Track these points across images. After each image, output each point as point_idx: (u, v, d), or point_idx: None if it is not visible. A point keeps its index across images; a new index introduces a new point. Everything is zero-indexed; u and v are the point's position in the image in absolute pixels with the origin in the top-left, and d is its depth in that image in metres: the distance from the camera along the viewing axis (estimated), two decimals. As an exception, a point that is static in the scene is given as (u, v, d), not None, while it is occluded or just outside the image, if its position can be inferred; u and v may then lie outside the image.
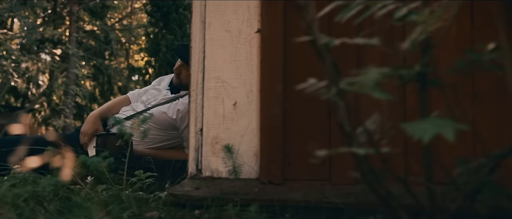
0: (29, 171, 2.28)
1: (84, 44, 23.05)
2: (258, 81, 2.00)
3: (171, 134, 3.89)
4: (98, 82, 28.34)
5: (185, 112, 3.79)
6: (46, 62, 22.25)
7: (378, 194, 1.02)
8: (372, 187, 1.02)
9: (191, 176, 1.98)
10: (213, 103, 2.01)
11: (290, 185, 1.94)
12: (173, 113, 3.83)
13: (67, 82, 17.27)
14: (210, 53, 2.02)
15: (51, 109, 25.15)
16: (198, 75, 2.02)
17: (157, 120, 3.84)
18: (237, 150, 1.97)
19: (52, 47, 21.65)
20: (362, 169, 1.02)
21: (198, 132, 2.00)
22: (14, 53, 14.12)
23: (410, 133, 0.87)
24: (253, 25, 2.02)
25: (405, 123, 0.89)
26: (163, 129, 3.84)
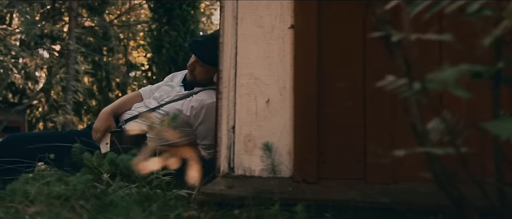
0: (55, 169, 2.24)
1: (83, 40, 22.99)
2: (291, 78, 1.96)
3: (184, 130, 3.84)
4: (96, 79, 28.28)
5: (199, 109, 3.75)
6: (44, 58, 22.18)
7: (450, 195, 0.99)
8: (445, 187, 0.99)
9: (223, 174, 1.94)
10: (246, 100, 1.97)
11: (325, 184, 1.90)
12: (187, 110, 3.78)
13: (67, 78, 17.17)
14: (242, 49, 1.98)
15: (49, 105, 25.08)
16: (230, 72, 1.98)
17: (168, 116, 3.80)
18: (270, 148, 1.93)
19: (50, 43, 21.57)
20: (435, 169, 0.98)
21: (230, 129, 1.96)
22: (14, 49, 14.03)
23: (494, 133, 0.83)
24: (286, 21, 1.99)
25: (486, 122, 0.85)
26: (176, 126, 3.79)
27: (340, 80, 1.96)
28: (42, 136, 3.93)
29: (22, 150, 3.74)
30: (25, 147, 3.78)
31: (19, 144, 3.79)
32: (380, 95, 1.94)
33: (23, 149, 3.75)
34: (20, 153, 3.75)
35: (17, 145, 3.78)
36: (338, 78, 1.97)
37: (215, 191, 1.88)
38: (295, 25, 1.97)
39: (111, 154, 2.03)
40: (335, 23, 1.98)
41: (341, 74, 1.97)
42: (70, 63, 18.16)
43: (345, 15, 1.99)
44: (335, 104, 1.96)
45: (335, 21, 1.99)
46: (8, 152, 3.64)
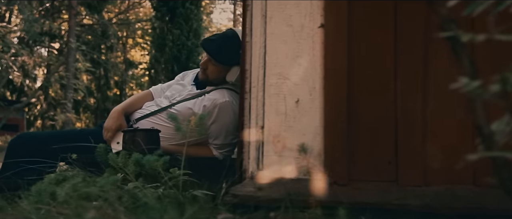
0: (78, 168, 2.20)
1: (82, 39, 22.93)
2: (321, 78, 1.93)
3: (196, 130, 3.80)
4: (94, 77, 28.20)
5: (211, 108, 3.71)
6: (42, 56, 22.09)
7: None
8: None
9: (252, 175, 1.91)
10: (275, 100, 1.93)
11: (356, 186, 1.87)
12: (199, 109, 3.74)
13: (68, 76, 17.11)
14: (271, 48, 1.95)
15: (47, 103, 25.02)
16: (259, 71, 1.94)
17: (182, 115, 3.76)
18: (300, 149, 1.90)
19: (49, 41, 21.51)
20: (502, 175, 0.95)
21: (259, 130, 1.93)
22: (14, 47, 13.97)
23: None
24: (316, 20, 1.95)
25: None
26: (188, 125, 3.75)
27: (370, 81, 1.93)
28: (53, 135, 3.89)
29: (33, 149, 3.70)
30: (36, 146, 3.74)
31: (30, 143, 3.75)
32: (412, 96, 1.91)
33: (35, 148, 3.72)
34: (31, 152, 3.71)
35: (28, 144, 3.75)
36: (368, 78, 1.94)
37: (245, 192, 1.85)
38: (325, 25, 1.94)
39: (136, 154, 1.99)
40: (366, 22, 1.95)
41: (372, 74, 1.94)
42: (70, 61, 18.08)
43: (375, 14, 1.96)
44: (365, 105, 1.93)
45: (365, 20, 1.96)
46: (19, 151, 3.60)
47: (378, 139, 1.92)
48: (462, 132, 1.90)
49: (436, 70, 1.92)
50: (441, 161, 1.88)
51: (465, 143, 1.88)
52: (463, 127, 1.90)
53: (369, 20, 1.95)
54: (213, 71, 3.86)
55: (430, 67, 1.91)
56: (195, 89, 3.93)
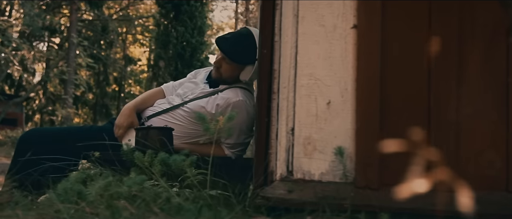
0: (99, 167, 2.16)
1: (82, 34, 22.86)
2: (353, 80, 1.90)
3: (209, 128, 3.77)
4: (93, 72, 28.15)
5: (225, 107, 3.68)
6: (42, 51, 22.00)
7: None
8: None
9: (282, 177, 1.87)
10: (306, 101, 1.90)
11: (388, 190, 1.84)
12: (212, 107, 3.71)
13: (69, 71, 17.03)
14: (303, 48, 1.92)
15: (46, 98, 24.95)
16: (290, 72, 1.91)
17: (195, 114, 3.73)
18: (330, 152, 1.87)
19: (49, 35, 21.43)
20: None
21: (289, 131, 1.89)
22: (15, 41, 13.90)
23: None
24: (349, 20, 1.92)
25: None
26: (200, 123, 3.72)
27: (403, 83, 1.90)
28: (63, 131, 3.86)
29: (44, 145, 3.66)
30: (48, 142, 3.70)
31: (41, 140, 3.71)
32: (445, 98, 1.88)
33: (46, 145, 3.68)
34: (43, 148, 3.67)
35: (39, 140, 3.71)
36: (401, 81, 1.91)
37: (277, 195, 1.81)
38: (358, 25, 1.91)
39: (162, 154, 1.96)
40: (399, 24, 1.92)
41: (405, 77, 1.91)
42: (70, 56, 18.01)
43: (409, 15, 1.93)
44: (398, 108, 1.89)
45: (399, 21, 1.92)
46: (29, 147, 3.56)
47: (411, 143, 1.88)
48: (495, 137, 1.87)
49: (470, 73, 1.89)
50: (474, 166, 1.85)
51: (498, 147, 1.85)
52: (496, 131, 1.87)
53: (402, 21, 1.92)
54: (226, 70, 3.82)
55: (464, 70, 1.88)
56: (208, 88, 3.89)
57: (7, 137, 15.05)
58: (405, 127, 1.89)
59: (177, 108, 3.79)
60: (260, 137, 2.24)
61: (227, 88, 3.81)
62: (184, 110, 3.76)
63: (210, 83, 3.90)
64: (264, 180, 2.06)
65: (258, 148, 2.35)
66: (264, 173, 2.09)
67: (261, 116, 2.27)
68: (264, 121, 2.23)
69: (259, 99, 2.30)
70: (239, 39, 3.79)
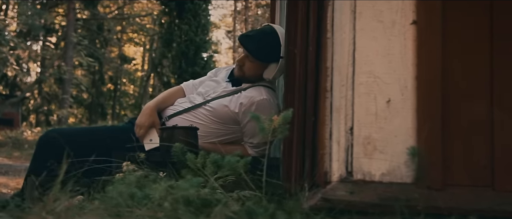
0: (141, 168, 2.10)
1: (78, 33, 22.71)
2: (413, 77, 1.84)
3: (231, 128, 3.72)
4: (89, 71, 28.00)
5: (248, 106, 3.62)
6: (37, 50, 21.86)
7: None
8: None
9: (341, 178, 1.81)
10: (365, 100, 1.84)
11: (451, 191, 1.79)
12: (236, 106, 3.65)
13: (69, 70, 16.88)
14: (361, 45, 1.86)
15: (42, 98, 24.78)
16: (348, 69, 1.85)
17: (217, 113, 3.67)
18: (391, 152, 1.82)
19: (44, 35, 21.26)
20: None
21: (348, 131, 1.83)
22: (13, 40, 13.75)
23: None
24: (408, 16, 1.86)
25: None
26: (223, 122, 3.67)
27: (465, 81, 1.84)
28: (84, 132, 3.78)
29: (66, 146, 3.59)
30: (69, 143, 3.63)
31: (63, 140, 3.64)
32: (508, 97, 1.83)
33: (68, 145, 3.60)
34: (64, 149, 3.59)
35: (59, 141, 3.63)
36: (462, 78, 1.85)
37: (338, 197, 1.76)
38: (417, 21, 1.85)
39: (214, 155, 1.89)
40: (460, 19, 1.87)
41: (466, 74, 1.85)
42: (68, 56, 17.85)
43: (470, 10, 1.88)
44: (460, 106, 1.84)
45: (460, 17, 1.87)
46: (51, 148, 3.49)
47: (473, 142, 1.84)
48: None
49: (532, 71, 1.85)
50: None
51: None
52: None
53: (463, 17, 1.87)
54: (250, 68, 3.76)
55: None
56: (231, 86, 3.83)
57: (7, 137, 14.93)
58: (467, 126, 1.84)
59: (199, 107, 3.73)
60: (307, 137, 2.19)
61: (251, 87, 3.75)
62: (206, 108, 3.70)
63: (233, 81, 3.84)
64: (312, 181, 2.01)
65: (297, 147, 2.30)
66: (312, 173, 2.04)
67: (307, 115, 2.21)
68: (310, 120, 2.17)
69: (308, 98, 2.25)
70: (263, 37, 3.73)
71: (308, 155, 2.20)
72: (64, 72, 17.44)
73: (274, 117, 1.84)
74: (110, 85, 32.53)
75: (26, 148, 13.18)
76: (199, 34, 14.59)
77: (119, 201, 1.53)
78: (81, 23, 21.30)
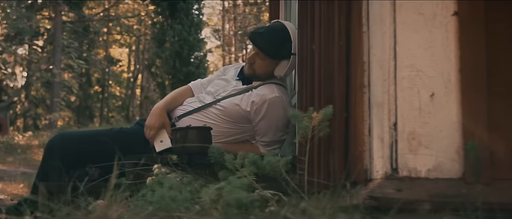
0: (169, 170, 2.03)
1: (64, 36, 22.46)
2: (456, 70, 1.79)
3: (243, 127, 3.66)
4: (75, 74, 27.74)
5: (260, 104, 3.57)
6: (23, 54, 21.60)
7: None
8: None
9: (387, 176, 1.76)
10: (408, 94, 1.79)
11: (499, 186, 1.75)
12: (247, 105, 3.60)
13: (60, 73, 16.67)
14: (402, 38, 1.81)
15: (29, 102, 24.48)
16: (390, 63, 1.80)
17: (228, 112, 3.62)
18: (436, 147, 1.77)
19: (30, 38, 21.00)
20: None
21: (391, 126, 1.78)
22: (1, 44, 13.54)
23: None
24: (449, 7, 1.82)
25: None
26: (234, 121, 3.62)
27: (509, 72, 1.80)
28: (93, 135, 3.71)
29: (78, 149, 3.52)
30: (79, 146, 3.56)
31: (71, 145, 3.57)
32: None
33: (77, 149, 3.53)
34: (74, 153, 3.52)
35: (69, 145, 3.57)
36: (507, 70, 1.81)
37: (386, 195, 1.70)
38: (458, 12, 1.80)
39: (253, 155, 1.83)
40: (503, 9, 1.82)
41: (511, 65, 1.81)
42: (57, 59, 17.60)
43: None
44: (505, 98, 1.80)
45: (503, 7, 1.83)
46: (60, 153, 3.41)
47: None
48: None
49: None
50: None
51: None
52: None
53: (507, 6, 1.82)
54: (261, 66, 3.71)
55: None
56: (241, 85, 3.77)
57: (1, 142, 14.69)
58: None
59: (209, 107, 3.67)
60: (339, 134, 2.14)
61: (262, 85, 3.69)
62: (217, 108, 3.64)
63: (243, 80, 3.78)
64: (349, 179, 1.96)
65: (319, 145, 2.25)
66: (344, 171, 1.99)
67: (339, 111, 2.16)
68: (343, 117, 2.12)
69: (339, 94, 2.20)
70: (274, 33, 3.68)
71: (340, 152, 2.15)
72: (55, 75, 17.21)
73: (314, 114, 1.77)
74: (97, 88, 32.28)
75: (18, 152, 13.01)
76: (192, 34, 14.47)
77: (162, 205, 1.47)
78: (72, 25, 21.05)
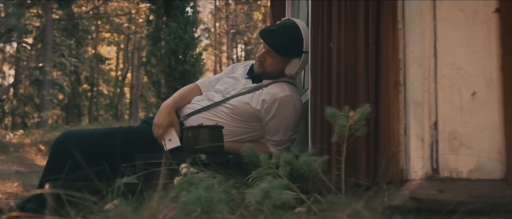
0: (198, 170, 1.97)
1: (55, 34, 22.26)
2: (498, 68, 1.75)
3: (253, 125, 3.61)
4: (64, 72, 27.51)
5: (271, 102, 3.52)
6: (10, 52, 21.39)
7: None
8: None
9: (427, 176, 1.72)
10: (449, 93, 1.75)
11: (544, 187, 1.70)
12: (257, 103, 3.54)
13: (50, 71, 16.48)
14: (442, 35, 1.76)
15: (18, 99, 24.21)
16: (430, 61, 1.75)
17: (238, 110, 3.56)
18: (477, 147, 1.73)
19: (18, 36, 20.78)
20: None
21: (432, 126, 1.74)
22: (-11, 43, 13.35)
23: None
24: (490, 4, 1.77)
25: None
26: (244, 120, 3.57)
27: None
28: (100, 134, 3.63)
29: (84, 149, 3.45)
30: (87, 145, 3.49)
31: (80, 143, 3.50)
32: None
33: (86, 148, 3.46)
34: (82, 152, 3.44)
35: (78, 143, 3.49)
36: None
37: (427, 195, 1.66)
38: (500, 9, 1.76)
39: (286, 154, 1.78)
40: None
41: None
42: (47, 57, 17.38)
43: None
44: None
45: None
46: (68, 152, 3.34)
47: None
48: None
49: None
50: None
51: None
52: None
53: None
54: (271, 64, 3.66)
55: None
56: (251, 83, 3.72)
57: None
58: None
59: (218, 105, 3.61)
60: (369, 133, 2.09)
61: (272, 83, 3.64)
62: (226, 106, 3.58)
63: (253, 78, 3.73)
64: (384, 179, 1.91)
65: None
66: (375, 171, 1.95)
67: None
68: (373, 115, 2.08)
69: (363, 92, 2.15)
70: (285, 31, 3.63)
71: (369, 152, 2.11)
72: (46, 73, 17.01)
73: (351, 113, 1.72)
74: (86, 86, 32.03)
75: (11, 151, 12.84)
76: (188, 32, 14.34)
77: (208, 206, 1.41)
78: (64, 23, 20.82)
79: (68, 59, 18.22)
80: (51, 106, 18.93)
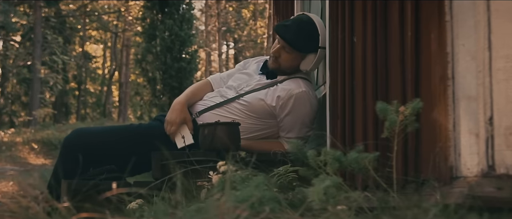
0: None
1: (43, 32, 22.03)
2: (554, 61, 1.69)
3: (267, 122, 3.54)
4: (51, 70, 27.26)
5: (286, 99, 3.45)
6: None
7: None
8: None
9: (483, 173, 1.65)
10: (504, 87, 1.69)
11: None
12: (272, 100, 3.47)
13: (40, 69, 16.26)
14: (496, 27, 1.70)
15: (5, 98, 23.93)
16: (484, 54, 1.69)
17: (253, 107, 3.49)
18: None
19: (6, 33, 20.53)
20: None
21: (487, 121, 1.67)
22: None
23: None
24: (546, -5, 1.71)
25: None
26: (259, 117, 3.49)
27: None
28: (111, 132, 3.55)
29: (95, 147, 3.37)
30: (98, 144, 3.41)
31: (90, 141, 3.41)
32: None
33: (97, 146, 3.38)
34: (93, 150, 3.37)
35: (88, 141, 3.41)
36: None
37: (485, 193, 1.60)
38: (556, 0, 1.70)
39: (333, 151, 1.71)
40: None
41: None
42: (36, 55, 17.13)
43: None
44: None
45: None
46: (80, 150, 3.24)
47: None
48: None
49: None
50: None
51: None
52: None
53: None
54: (286, 60, 3.59)
55: None
56: (265, 79, 3.65)
57: (-16, 141, 14.26)
58: None
59: (232, 102, 3.53)
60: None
61: (287, 79, 3.57)
62: (240, 103, 3.51)
63: (267, 74, 3.66)
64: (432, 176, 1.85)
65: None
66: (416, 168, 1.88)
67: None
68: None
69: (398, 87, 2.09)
70: (301, 26, 3.56)
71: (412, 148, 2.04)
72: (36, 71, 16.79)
73: (401, 108, 1.65)
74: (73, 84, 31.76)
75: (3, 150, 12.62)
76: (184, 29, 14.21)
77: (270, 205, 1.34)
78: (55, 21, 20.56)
79: (60, 57, 17.99)
80: (43, 105, 18.66)
